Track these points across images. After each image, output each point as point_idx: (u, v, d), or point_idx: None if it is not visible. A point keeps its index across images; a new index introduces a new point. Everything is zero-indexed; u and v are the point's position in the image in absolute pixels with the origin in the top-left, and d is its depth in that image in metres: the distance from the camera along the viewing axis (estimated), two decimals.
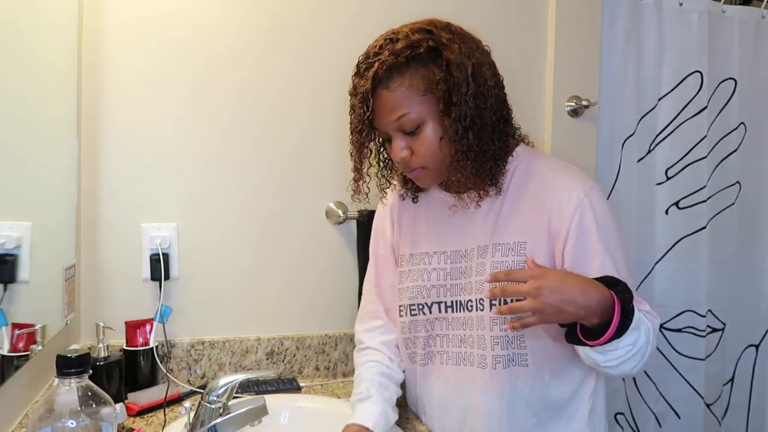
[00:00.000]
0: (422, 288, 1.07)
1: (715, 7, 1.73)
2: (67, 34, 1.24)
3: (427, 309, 1.07)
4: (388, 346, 1.14)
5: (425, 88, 0.94)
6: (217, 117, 1.40)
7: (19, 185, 1.01)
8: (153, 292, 1.36)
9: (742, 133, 1.80)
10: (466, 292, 1.03)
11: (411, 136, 0.97)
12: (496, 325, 0.99)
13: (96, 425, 0.70)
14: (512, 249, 1.00)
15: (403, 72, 0.94)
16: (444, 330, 1.06)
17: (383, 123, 0.98)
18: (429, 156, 0.97)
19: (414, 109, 0.94)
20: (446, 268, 1.06)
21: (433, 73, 0.93)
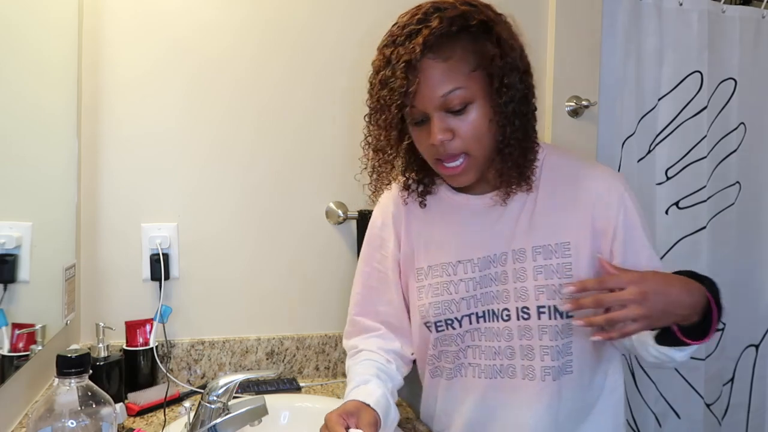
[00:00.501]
0: (450, 302, 0.97)
1: (715, 7, 1.73)
2: (67, 33, 1.24)
3: (457, 323, 0.97)
4: (387, 351, 1.05)
5: (476, 63, 0.85)
6: (217, 117, 1.40)
7: (19, 185, 1.01)
8: (153, 292, 1.36)
9: (742, 133, 1.80)
10: (501, 301, 0.95)
11: (454, 116, 0.86)
12: (545, 334, 0.93)
13: (96, 425, 0.70)
14: (555, 251, 0.93)
15: (455, 42, 0.84)
16: (475, 341, 0.98)
17: (426, 98, 0.85)
18: (475, 140, 0.87)
19: (465, 84, 0.84)
20: (475, 276, 0.97)
21: (486, 48, 0.84)
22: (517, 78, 0.86)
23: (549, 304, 0.92)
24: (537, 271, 0.93)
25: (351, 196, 1.48)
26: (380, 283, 1.08)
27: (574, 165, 0.98)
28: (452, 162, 0.89)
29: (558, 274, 0.93)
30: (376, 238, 1.09)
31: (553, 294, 0.92)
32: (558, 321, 0.92)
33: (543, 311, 0.92)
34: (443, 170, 0.92)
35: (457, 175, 0.91)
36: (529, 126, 0.90)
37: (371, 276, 1.09)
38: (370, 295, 1.09)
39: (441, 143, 0.87)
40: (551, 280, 0.93)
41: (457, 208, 1.01)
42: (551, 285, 0.92)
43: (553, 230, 0.94)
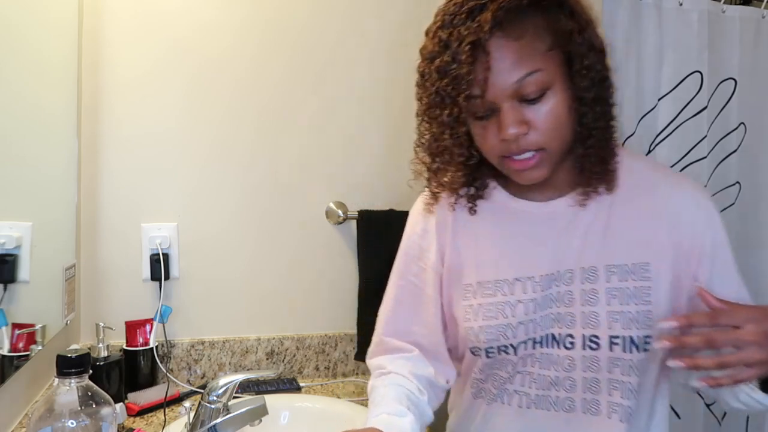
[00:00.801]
0: (505, 327, 0.82)
1: (715, 7, 1.73)
2: (67, 33, 1.24)
3: (512, 350, 0.83)
4: (419, 378, 0.88)
5: (552, 41, 0.71)
6: (217, 117, 1.40)
7: (19, 185, 1.01)
8: (153, 292, 1.36)
9: (742, 134, 1.80)
10: (565, 326, 0.81)
11: (530, 105, 0.72)
12: (616, 367, 0.79)
13: (96, 425, 0.70)
14: (632, 271, 0.79)
15: (526, 17, 0.70)
16: (527, 367, 0.84)
17: (495, 86, 0.71)
18: (554, 131, 0.73)
19: (543, 66, 0.70)
20: (536, 297, 0.81)
21: (562, 22, 0.71)
22: (595, 58, 0.73)
23: (624, 335, 0.78)
24: (611, 294, 0.79)
25: (351, 196, 1.48)
26: (415, 300, 0.92)
27: (655, 171, 0.84)
28: (522, 155, 0.75)
29: (635, 299, 0.79)
30: (414, 247, 0.93)
31: (629, 323, 0.78)
32: (634, 354, 0.79)
33: (616, 342, 0.78)
34: (512, 165, 0.76)
35: (528, 170, 0.76)
36: (611, 112, 0.77)
37: (405, 290, 0.93)
38: (402, 312, 0.93)
39: (515, 138, 0.73)
40: (627, 306, 0.78)
41: (515, 215, 0.85)
42: (627, 312, 0.78)
43: (631, 247, 0.80)
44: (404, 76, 1.50)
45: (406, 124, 1.52)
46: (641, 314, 0.78)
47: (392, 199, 1.49)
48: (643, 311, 0.78)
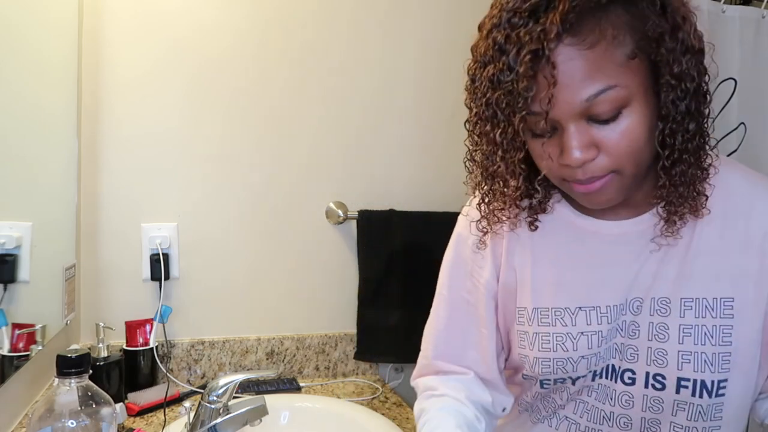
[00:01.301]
0: (565, 361, 0.73)
1: (715, 7, 1.72)
2: (67, 33, 1.24)
3: (570, 382, 0.75)
4: (476, 405, 0.79)
5: (636, 46, 0.58)
6: (217, 117, 1.40)
7: (19, 185, 1.01)
8: (153, 292, 1.36)
9: (742, 133, 1.80)
10: (626, 359, 0.72)
11: (602, 126, 0.60)
12: (682, 411, 0.70)
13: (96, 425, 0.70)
14: (711, 307, 0.68)
15: (602, 18, 0.57)
16: (582, 396, 0.76)
17: (561, 104, 0.59)
18: (629, 156, 0.62)
19: (620, 80, 0.58)
20: (602, 330, 0.72)
21: (649, 22, 0.58)
22: (692, 63, 0.61)
23: (695, 378, 0.68)
24: (684, 331, 0.69)
25: (351, 196, 1.48)
26: (469, 320, 0.81)
27: (754, 188, 0.71)
28: (586, 186, 0.64)
29: (713, 339, 0.68)
30: (466, 261, 0.82)
31: (703, 365, 0.68)
32: (704, 400, 0.69)
33: (685, 385, 0.68)
34: (576, 188, 0.66)
35: (595, 193, 0.65)
36: (706, 129, 0.66)
37: (458, 309, 0.82)
38: (454, 333, 0.83)
39: (580, 164, 0.62)
40: (703, 346, 0.68)
41: (580, 235, 0.75)
42: (701, 353, 0.68)
43: (714, 279, 0.69)
44: (406, 76, 1.52)
45: (406, 124, 1.52)
46: (718, 356, 0.67)
47: (392, 199, 1.49)
48: (721, 353, 0.67)
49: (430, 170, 1.54)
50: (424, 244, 1.48)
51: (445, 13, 1.54)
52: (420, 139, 1.53)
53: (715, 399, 0.69)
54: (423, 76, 1.53)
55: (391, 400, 1.32)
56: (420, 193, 1.53)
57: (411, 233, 1.46)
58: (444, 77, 1.53)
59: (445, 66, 1.53)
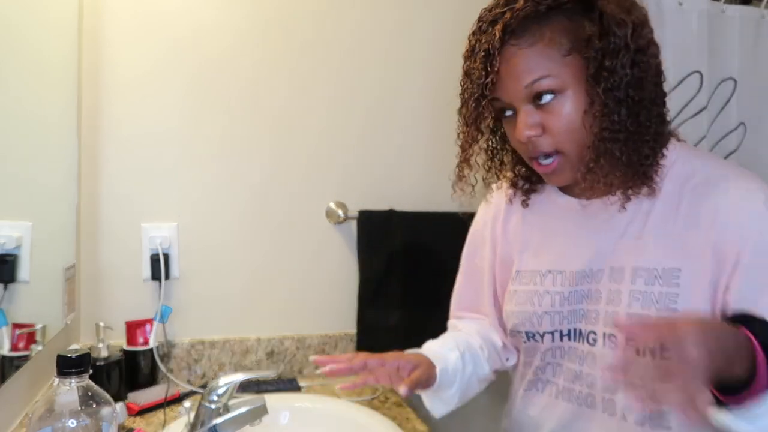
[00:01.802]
0: (531, 315, 0.87)
1: (715, 7, 1.73)
2: (67, 33, 1.24)
3: (539, 337, 0.88)
4: (484, 338, 0.97)
5: (570, 47, 0.74)
6: (217, 117, 1.40)
7: (19, 185, 1.01)
8: (153, 292, 1.36)
9: (742, 134, 1.80)
10: (590, 322, 0.83)
11: (543, 109, 0.76)
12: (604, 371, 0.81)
13: (96, 425, 0.70)
14: (660, 276, 0.77)
15: (543, 23, 0.74)
16: (557, 358, 0.87)
17: (510, 89, 0.77)
18: (567, 134, 0.76)
19: (554, 71, 0.74)
20: (564, 291, 0.85)
21: (583, 28, 0.74)
22: (626, 59, 0.73)
23: None
24: (634, 296, 0.78)
25: (351, 196, 1.48)
26: (481, 283, 1.01)
27: (710, 172, 0.78)
28: (545, 160, 0.79)
29: (659, 304, 0.76)
30: (477, 236, 1.03)
31: None
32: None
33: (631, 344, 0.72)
34: (537, 168, 0.82)
35: (550, 174, 0.81)
36: (645, 115, 0.75)
37: (472, 273, 1.03)
38: (471, 292, 1.03)
39: (528, 140, 0.78)
40: (648, 310, 0.76)
41: (559, 210, 0.89)
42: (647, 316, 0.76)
43: (664, 252, 0.77)
44: (407, 77, 1.52)
45: (407, 124, 1.52)
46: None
47: (392, 199, 1.49)
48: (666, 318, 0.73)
49: (430, 170, 1.54)
50: (424, 244, 1.48)
51: (448, 14, 1.54)
52: (420, 139, 1.53)
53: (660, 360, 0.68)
54: (424, 77, 1.53)
55: (391, 400, 1.32)
56: (420, 193, 1.53)
57: (411, 233, 1.46)
58: (445, 78, 1.53)
59: (446, 67, 1.53)
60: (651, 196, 0.79)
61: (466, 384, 0.95)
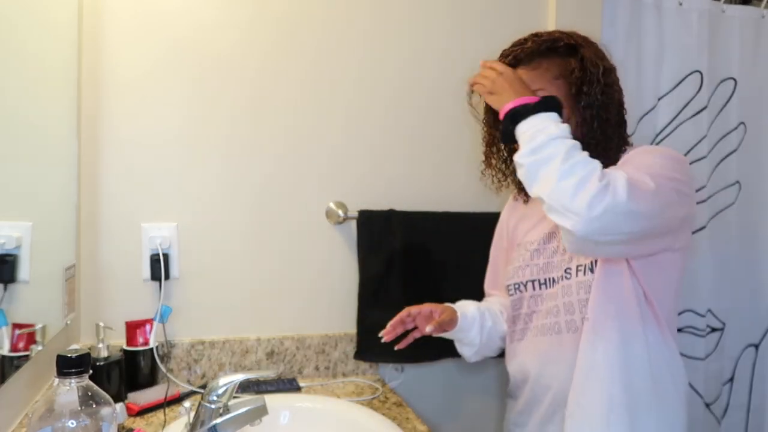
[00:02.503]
0: (517, 268, 1.15)
1: (715, 7, 1.73)
2: (67, 34, 1.24)
3: (523, 287, 1.14)
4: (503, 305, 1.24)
5: (559, 74, 1.05)
6: (217, 117, 1.40)
7: (19, 185, 1.01)
8: (153, 292, 1.36)
9: (742, 133, 1.80)
10: (555, 269, 1.09)
11: None
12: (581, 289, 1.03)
13: (96, 425, 0.70)
14: None
15: (542, 57, 1.06)
16: (539, 306, 1.11)
17: None
18: None
19: (547, 87, 1.04)
20: (538, 248, 1.13)
21: (570, 64, 1.05)
22: (597, 90, 1.03)
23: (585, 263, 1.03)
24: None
25: (351, 196, 1.48)
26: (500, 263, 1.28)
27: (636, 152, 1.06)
28: None
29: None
30: (501, 227, 1.29)
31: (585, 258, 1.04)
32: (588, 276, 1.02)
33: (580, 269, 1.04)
34: None
35: None
36: (611, 131, 1.05)
37: (497, 257, 1.29)
38: (496, 273, 1.29)
39: None
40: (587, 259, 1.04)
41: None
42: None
43: None
44: (407, 77, 1.52)
45: (407, 124, 1.52)
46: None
47: (392, 199, 1.49)
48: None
49: (430, 170, 1.54)
50: (424, 244, 1.48)
51: (449, 17, 1.54)
52: (421, 139, 1.53)
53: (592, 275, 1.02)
54: (426, 78, 1.53)
55: (391, 400, 1.32)
56: (420, 193, 1.53)
57: (411, 233, 1.46)
58: (447, 80, 1.53)
59: (448, 68, 1.53)
60: None
61: (487, 334, 1.20)
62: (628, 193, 0.86)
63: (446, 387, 1.56)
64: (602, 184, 0.86)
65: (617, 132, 1.06)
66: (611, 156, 1.03)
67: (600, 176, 0.87)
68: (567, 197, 0.86)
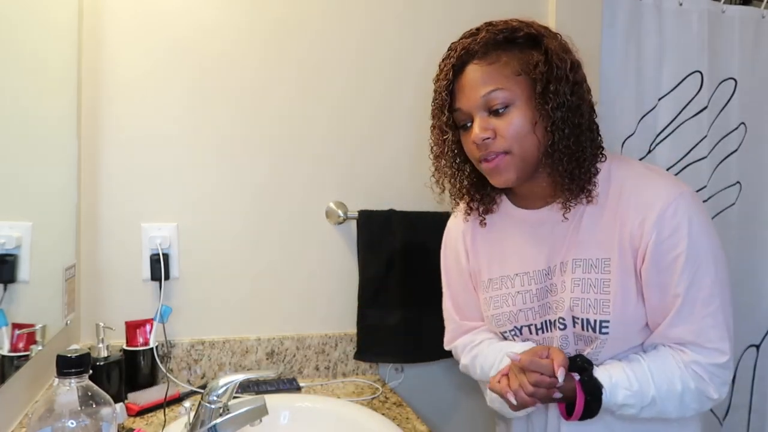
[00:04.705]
0: (509, 314, 1.00)
1: (715, 7, 1.73)
2: (67, 33, 1.24)
3: (517, 331, 1.01)
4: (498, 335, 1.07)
5: (521, 69, 0.89)
6: (217, 117, 1.40)
7: (19, 185, 1.01)
8: (153, 292, 1.36)
9: (743, 133, 1.80)
10: (556, 311, 0.96)
11: (496, 117, 0.90)
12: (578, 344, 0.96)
13: (96, 425, 0.70)
14: (595, 266, 0.93)
15: (500, 50, 0.91)
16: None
17: (469, 99, 0.91)
18: (515, 139, 0.89)
19: (506, 86, 0.89)
20: (531, 289, 0.98)
21: (532, 56, 0.89)
22: (566, 88, 0.88)
23: (582, 317, 0.93)
24: (575, 283, 0.93)
25: (351, 196, 1.48)
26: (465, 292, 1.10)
27: (631, 176, 0.93)
28: (491, 164, 0.92)
29: (596, 288, 0.92)
30: (452, 250, 1.11)
31: (588, 308, 0.92)
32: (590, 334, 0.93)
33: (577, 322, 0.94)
34: (485, 166, 0.93)
35: (497, 171, 0.92)
36: (584, 137, 0.90)
37: (459, 284, 1.10)
38: (465, 301, 1.10)
39: (482, 142, 0.90)
40: (587, 294, 0.93)
41: (517, 222, 1.02)
42: (586, 299, 0.92)
43: (596, 245, 0.93)
44: (408, 77, 1.52)
45: (407, 124, 1.52)
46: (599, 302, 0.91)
47: (392, 199, 1.49)
48: (602, 300, 0.91)
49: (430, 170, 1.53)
50: (424, 244, 1.48)
51: (450, 16, 1.54)
52: (421, 139, 1.53)
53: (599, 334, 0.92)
54: (425, 78, 1.52)
55: (391, 400, 1.32)
56: (420, 193, 1.52)
57: (411, 233, 1.46)
58: None
59: None
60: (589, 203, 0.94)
61: None
62: (717, 388, 0.89)
63: (446, 387, 1.56)
64: (699, 405, 0.90)
65: (589, 138, 0.92)
66: (586, 167, 0.91)
67: (689, 397, 0.89)
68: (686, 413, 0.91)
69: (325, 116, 1.46)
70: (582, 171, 0.91)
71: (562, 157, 0.89)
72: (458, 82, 0.93)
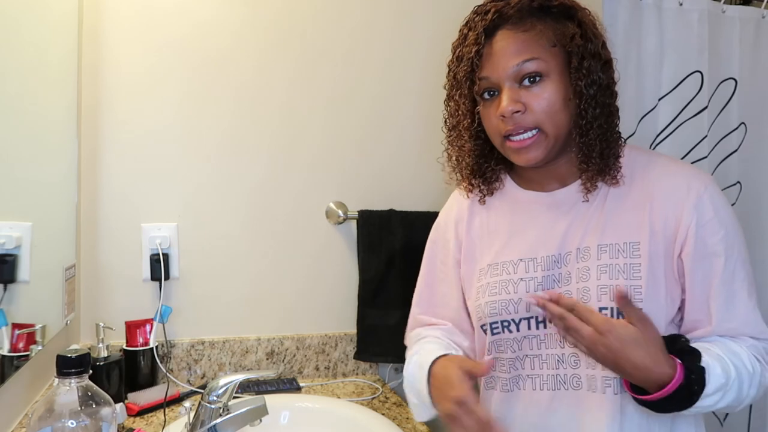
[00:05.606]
0: (507, 302, 0.89)
1: (715, 7, 1.73)
2: (67, 32, 1.24)
3: (514, 326, 0.90)
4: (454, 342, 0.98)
5: (556, 40, 0.83)
6: (217, 117, 1.40)
7: (19, 185, 1.01)
8: (153, 292, 1.36)
9: (743, 134, 1.80)
10: None
11: (527, 90, 0.83)
12: None
13: (96, 425, 0.70)
14: (623, 250, 0.85)
15: (534, 17, 0.83)
16: (534, 350, 0.89)
17: (499, 67, 0.83)
18: (547, 114, 0.83)
19: (542, 56, 0.82)
20: (537, 277, 0.89)
21: (567, 28, 0.83)
22: (598, 66, 0.83)
23: (612, 306, 0.83)
24: (601, 270, 0.85)
25: (351, 196, 1.48)
26: (443, 283, 1.02)
27: (656, 163, 0.89)
28: (524, 134, 0.84)
29: (624, 275, 0.84)
30: (440, 237, 1.04)
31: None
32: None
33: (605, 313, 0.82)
34: (511, 144, 0.85)
35: (525, 149, 0.84)
36: (612, 119, 0.86)
37: (433, 275, 1.04)
38: (433, 293, 1.03)
39: (510, 115, 0.82)
40: (616, 280, 0.84)
41: (522, 205, 0.94)
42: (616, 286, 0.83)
43: (623, 228, 0.86)
44: (407, 77, 1.52)
45: (407, 124, 1.52)
46: (630, 289, 0.83)
47: (392, 199, 1.49)
48: (633, 286, 0.83)
49: (430, 170, 1.53)
50: (424, 244, 1.47)
51: (448, 14, 1.54)
52: (421, 139, 1.53)
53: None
54: (424, 77, 1.52)
55: (391, 400, 1.32)
56: (420, 193, 1.53)
57: (411, 233, 1.46)
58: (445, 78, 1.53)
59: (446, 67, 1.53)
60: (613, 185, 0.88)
61: None
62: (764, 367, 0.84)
63: None
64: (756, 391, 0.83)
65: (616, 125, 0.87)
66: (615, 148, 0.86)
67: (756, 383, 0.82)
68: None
69: (325, 116, 1.46)
70: (612, 151, 0.86)
71: (595, 137, 0.83)
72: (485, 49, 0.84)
